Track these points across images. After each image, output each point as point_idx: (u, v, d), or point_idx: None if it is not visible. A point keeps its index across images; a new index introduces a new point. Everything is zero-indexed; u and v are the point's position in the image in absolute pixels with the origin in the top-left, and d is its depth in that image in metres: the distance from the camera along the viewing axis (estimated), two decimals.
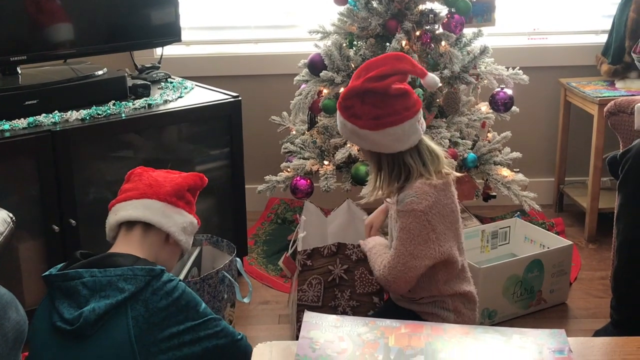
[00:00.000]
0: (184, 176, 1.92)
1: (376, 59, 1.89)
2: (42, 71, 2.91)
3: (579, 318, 2.82)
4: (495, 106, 3.11)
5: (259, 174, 3.28)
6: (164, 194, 1.82)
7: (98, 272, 1.59)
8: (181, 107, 2.82)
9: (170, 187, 1.85)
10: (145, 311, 1.56)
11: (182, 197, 1.87)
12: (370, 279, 2.39)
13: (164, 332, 1.57)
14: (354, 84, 1.86)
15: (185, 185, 1.88)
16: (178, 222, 1.83)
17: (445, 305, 1.94)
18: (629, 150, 2.42)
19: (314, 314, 1.48)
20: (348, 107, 1.87)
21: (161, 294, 1.59)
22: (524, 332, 1.44)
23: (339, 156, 2.96)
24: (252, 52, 3.69)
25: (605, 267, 3.10)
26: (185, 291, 1.65)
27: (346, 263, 2.34)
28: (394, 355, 1.34)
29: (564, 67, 3.65)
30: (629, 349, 1.52)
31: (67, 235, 2.57)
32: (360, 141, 1.91)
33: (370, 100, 1.83)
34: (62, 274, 1.60)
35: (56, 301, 1.59)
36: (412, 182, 1.87)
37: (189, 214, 1.88)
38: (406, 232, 1.84)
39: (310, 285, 2.39)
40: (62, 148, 2.54)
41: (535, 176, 3.66)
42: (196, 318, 1.64)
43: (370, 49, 2.98)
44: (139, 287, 1.57)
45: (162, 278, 1.62)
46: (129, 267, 1.60)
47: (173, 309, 1.60)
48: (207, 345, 1.64)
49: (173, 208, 1.83)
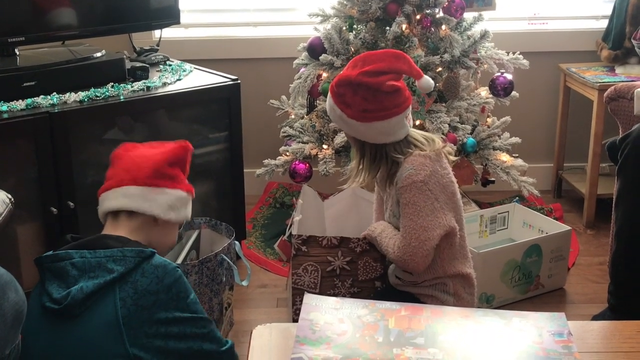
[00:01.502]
0: (165, 150, 1.83)
1: (375, 53, 1.92)
2: (41, 53, 2.89)
3: (577, 303, 2.82)
4: (495, 91, 3.10)
5: (258, 158, 3.27)
6: (143, 178, 1.76)
7: (88, 254, 1.58)
8: (180, 90, 2.81)
9: (148, 168, 1.78)
10: (133, 293, 1.55)
11: (164, 175, 1.79)
12: (374, 266, 2.36)
13: (152, 317, 1.55)
14: (349, 74, 1.88)
15: (164, 162, 1.80)
16: (162, 202, 1.77)
17: (446, 288, 1.94)
18: (628, 136, 2.42)
19: (314, 296, 1.47)
20: (340, 94, 1.90)
21: (151, 277, 1.57)
22: (523, 315, 1.44)
23: (338, 140, 2.95)
24: (251, 35, 3.67)
25: (604, 252, 3.10)
26: (179, 280, 1.61)
27: (349, 255, 2.30)
28: (394, 337, 1.34)
29: (564, 53, 3.64)
30: (628, 333, 1.52)
31: (65, 218, 2.57)
32: (347, 128, 1.95)
33: (362, 93, 1.86)
34: (52, 255, 1.60)
35: (46, 282, 1.58)
36: (407, 157, 1.89)
37: (176, 189, 1.81)
38: (412, 206, 1.85)
39: (306, 270, 2.37)
40: (61, 130, 2.53)
41: (534, 162, 3.66)
42: (185, 310, 1.60)
43: (370, 32, 2.97)
44: (128, 268, 1.56)
45: (152, 261, 1.60)
46: (119, 248, 1.59)
47: (163, 296, 1.57)
48: (192, 345, 1.61)
49: (154, 189, 1.77)
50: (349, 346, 1.31)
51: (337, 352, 1.30)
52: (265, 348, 1.44)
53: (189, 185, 1.87)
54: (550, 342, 1.36)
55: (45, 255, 1.62)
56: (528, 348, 1.34)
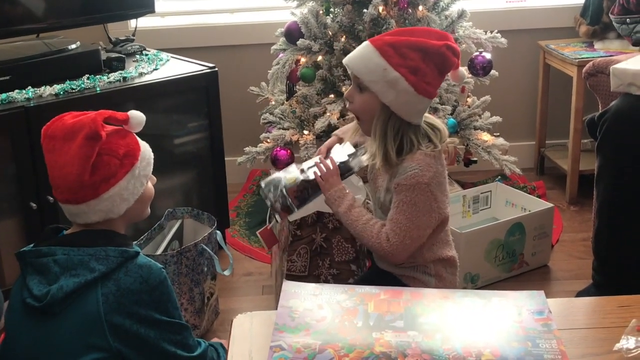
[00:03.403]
0: (75, 155, 1.55)
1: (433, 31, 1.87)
2: (14, 46, 2.86)
3: (561, 280, 2.83)
4: (474, 70, 3.10)
5: (239, 146, 3.26)
6: (77, 198, 1.58)
7: (71, 251, 1.56)
8: (157, 80, 2.79)
9: (75, 187, 1.57)
10: (116, 290, 1.53)
11: (93, 185, 1.57)
12: (346, 247, 2.38)
13: (132, 314, 1.53)
14: (426, 41, 1.79)
15: (83, 173, 1.55)
16: (100, 208, 1.59)
17: (427, 270, 1.94)
18: (607, 112, 2.42)
19: (293, 283, 1.47)
20: (404, 56, 1.78)
21: (134, 277, 1.55)
22: (503, 294, 1.44)
23: (319, 125, 2.94)
24: (228, 22, 3.64)
25: (587, 228, 3.11)
26: (164, 282, 1.58)
27: (324, 231, 2.33)
28: (373, 322, 1.34)
29: (543, 30, 3.64)
30: (609, 309, 1.52)
31: (45, 212, 2.55)
32: (388, 92, 1.79)
33: (434, 64, 1.79)
34: (35, 250, 1.58)
35: (27, 277, 1.57)
36: (413, 154, 1.83)
37: (112, 187, 1.59)
38: (411, 206, 1.81)
39: (299, 255, 2.38)
40: (37, 124, 2.47)
41: (516, 140, 3.66)
42: (164, 313, 1.58)
43: (347, 15, 2.95)
44: (110, 268, 1.54)
45: (136, 260, 1.57)
46: (102, 247, 1.56)
47: (145, 296, 1.55)
48: (166, 347, 1.59)
49: (93, 202, 1.59)
50: (329, 332, 1.31)
51: (316, 338, 1.29)
52: (246, 336, 1.43)
53: (124, 169, 1.61)
54: (530, 320, 1.36)
55: (27, 250, 1.60)
56: (508, 327, 1.34)
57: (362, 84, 1.83)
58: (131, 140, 1.66)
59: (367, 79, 1.82)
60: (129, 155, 1.62)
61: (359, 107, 1.86)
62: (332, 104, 2.90)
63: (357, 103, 1.86)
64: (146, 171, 1.67)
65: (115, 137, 1.62)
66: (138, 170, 1.63)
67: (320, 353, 1.26)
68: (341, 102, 2.88)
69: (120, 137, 1.63)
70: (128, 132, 1.67)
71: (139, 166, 1.64)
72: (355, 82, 1.86)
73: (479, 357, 1.25)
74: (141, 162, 1.65)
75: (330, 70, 2.96)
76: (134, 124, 1.68)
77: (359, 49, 1.87)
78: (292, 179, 1.92)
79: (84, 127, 1.57)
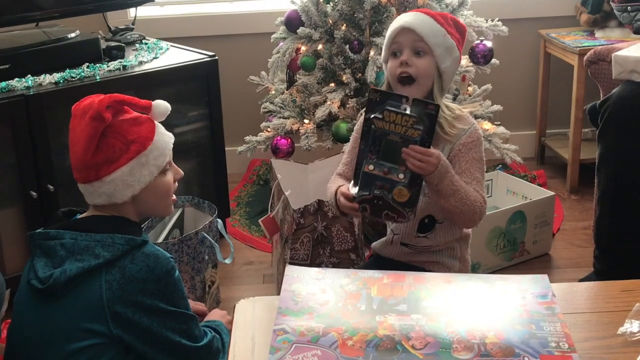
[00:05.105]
0: (82, 137, 1.56)
1: None
2: (14, 35, 2.85)
3: (563, 268, 2.83)
4: (475, 59, 3.08)
5: (239, 135, 3.25)
6: (82, 177, 1.60)
7: (79, 235, 1.56)
8: (157, 68, 2.78)
9: (80, 165, 1.58)
10: (120, 277, 1.52)
11: (96, 166, 1.57)
12: (345, 236, 2.37)
13: (136, 303, 1.52)
14: (462, 24, 1.88)
15: (86, 153, 1.56)
16: (104, 191, 1.59)
17: (453, 253, 1.92)
18: (608, 99, 2.41)
19: (296, 267, 1.47)
20: (452, 26, 1.85)
21: (141, 265, 1.53)
22: (506, 278, 1.44)
23: (319, 114, 2.93)
24: (227, 11, 3.63)
25: (588, 217, 3.11)
26: (170, 272, 1.56)
27: (325, 220, 2.33)
28: (376, 305, 1.34)
29: (544, 18, 3.63)
30: (612, 293, 1.52)
31: (46, 201, 2.54)
32: (445, 58, 1.82)
33: (461, 33, 1.87)
34: (44, 232, 1.58)
35: (35, 259, 1.57)
36: (461, 112, 1.86)
37: (115, 171, 1.58)
38: (481, 160, 1.85)
39: (302, 243, 2.38)
40: (37, 112, 2.50)
41: (517, 129, 3.65)
42: (169, 303, 1.56)
43: (347, 3, 2.94)
44: (115, 255, 1.53)
45: (144, 249, 1.56)
46: (109, 234, 1.56)
47: (151, 285, 1.54)
48: (170, 336, 1.58)
49: (95, 184, 1.59)
50: (332, 315, 1.31)
51: (319, 321, 1.29)
52: (248, 322, 1.43)
53: (128, 154, 1.59)
54: (534, 303, 1.35)
55: (37, 231, 1.60)
56: (512, 311, 1.33)
57: (423, 48, 1.81)
58: (145, 128, 1.63)
59: (433, 41, 1.80)
60: (137, 142, 1.60)
61: (421, 70, 1.81)
62: (332, 92, 2.89)
63: (419, 66, 1.81)
64: (158, 161, 1.64)
65: (128, 123, 1.61)
66: (146, 158, 1.61)
67: (323, 336, 1.25)
68: (341, 91, 2.87)
69: (134, 124, 1.62)
70: (147, 121, 1.65)
71: (148, 154, 1.62)
72: (412, 47, 1.81)
73: (483, 340, 1.25)
74: (152, 151, 1.62)
75: (331, 59, 2.95)
76: (156, 113, 1.67)
77: (414, 15, 1.84)
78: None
79: (92, 107, 1.57)
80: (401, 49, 1.82)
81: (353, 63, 2.90)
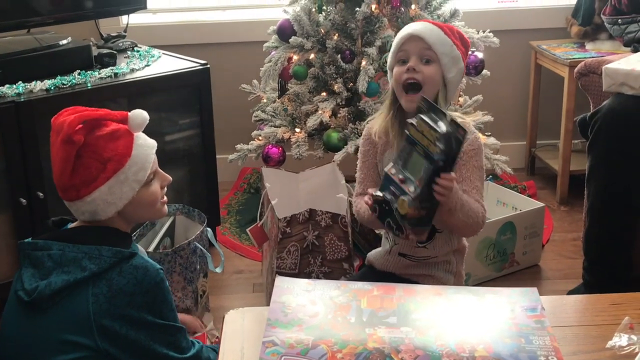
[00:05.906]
0: (57, 159, 1.56)
1: None
2: (5, 41, 2.83)
3: (552, 279, 2.84)
4: (466, 70, 3.09)
5: (230, 143, 3.24)
6: (64, 197, 1.60)
7: (66, 247, 1.55)
8: (148, 76, 2.77)
9: (59, 185, 1.59)
10: (107, 290, 1.51)
11: (73, 187, 1.56)
12: (339, 245, 2.37)
13: (123, 316, 1.51)
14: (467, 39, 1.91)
15: (62, 176, 1.56)
16: (86, 209, 1.58)
17: (449, 268, 1.92)
18: (599, 112, 2.42)
19: (286, 279, 1.46)
20: (458, 39, 1.86)
21: (128, 278, 1.52)
22: (496, 291, 1.44)
23: (311, 123, 2.93)
24: (220, 19, 3.63)
25: (577, 228, 3.11)
26: (160, 284, 1.56)
27: (317, 229, 2.32)
28: (366, 317, 1.33)
29: (535, 30, 3.64)
30: (601, 306, 1.53)
31: (35, 208, 2.53)
32: (451, 68, 1.85)
33: (465, 47, 1.89)
34: (33, 243, 1.57)
35: (23, 269, 1.56)
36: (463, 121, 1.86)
37: (92, 192, 1.56)
38: (481, 169, 1.85)
39: (289, 252, 2.38)
40: (27, 119, 2.49)
41: (507, 140, 3.66)
42: (157, 315, 1.56)
43: (339, 13, 2.94)
44: (102, 268, 1.52)
45: (132, 261, 1.55)
46: (97, 246, 1.54)
47: (138, 298, 1.53)
48: (157, 349, 1.57)
49: (77, 203, 1.59)
50: (321, 327, 1.30)
51: (309, 333, 1.29)
52: (237, 333, 1.43)
53: (106, 173, 1.57)
54: (523, 317, 1.35)
55: (26, 241, 1.59)
56: (501, 324, 1.33)
57: (430, 56, 1.83)
58: (122, 144, 1.60)
59: (440, 50, 1.83)
60: (114, 160, 1.57)
61: (428, 76, 1.82)
62: (324, 102, 2.89)
63: (426, 73, 1.82)
64: (138, 176, 1.61)
65: (104, 139, 1.58)
66: (124, 175, 1.59)
67: (313, 348, 1.25)
68: (333, 100, 2.87)
69: (110, 140, 1.58)
70: (125, 134, 1.62)
71: (127, 171, 1.59)
72: (420, 55, 1.83)
73: (473, 353, 1.25)
74: (130, 167, 1.59)
75: (323, 69, 2.95)
76: (133, 125, 1.64)
77: (423, 24, 1.87)
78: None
79: (62, 129, 1.54)
80: (408, 57, 1.84)
81: (345, 73, 2.91)
